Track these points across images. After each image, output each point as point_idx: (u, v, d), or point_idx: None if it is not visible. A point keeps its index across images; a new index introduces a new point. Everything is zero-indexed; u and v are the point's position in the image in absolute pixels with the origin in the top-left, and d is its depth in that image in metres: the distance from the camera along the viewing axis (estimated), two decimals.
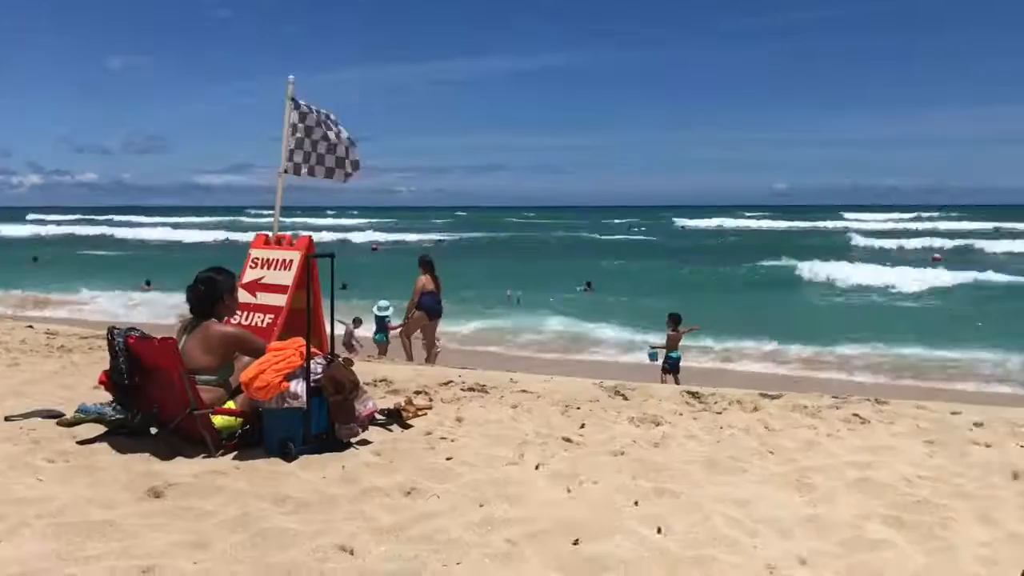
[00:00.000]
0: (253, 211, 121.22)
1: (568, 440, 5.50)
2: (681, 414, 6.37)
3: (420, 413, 5.99)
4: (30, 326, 12.08)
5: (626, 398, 6.94)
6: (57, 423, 5.63)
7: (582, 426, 5.91)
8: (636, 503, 4.36)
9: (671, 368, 12.32)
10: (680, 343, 12.57)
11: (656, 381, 10.57)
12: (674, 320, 12.70)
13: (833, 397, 7.10)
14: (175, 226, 71.72)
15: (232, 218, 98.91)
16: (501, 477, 4.70)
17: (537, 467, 4.90)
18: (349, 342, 13.84)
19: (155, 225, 73.76)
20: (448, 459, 4.99)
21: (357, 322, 14.51)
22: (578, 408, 6.48)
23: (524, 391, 7.12)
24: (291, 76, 8.67)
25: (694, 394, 7.09)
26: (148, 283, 25.52)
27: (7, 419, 5.76)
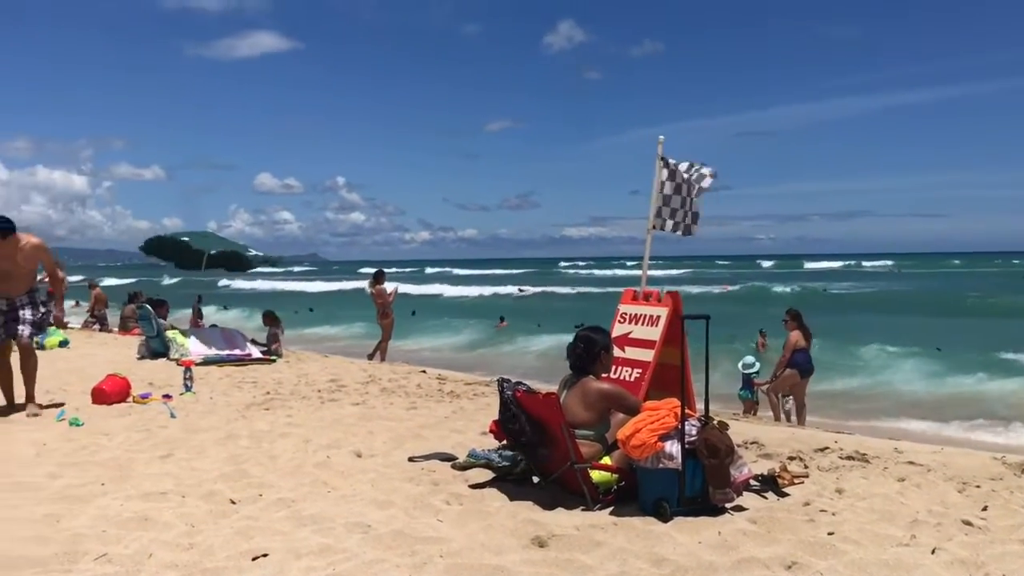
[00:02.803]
0: (565, 263, 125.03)
1: (968, 523, 4.95)
2: None
3: (796, 481, 5.73)
4: (423, 371, 13.41)
5: None
6: (452, 466, 6.16)
7: (984, 508, 5.29)
8: None
9: None
10: None
11: None
12: None
13: None
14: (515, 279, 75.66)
15: (548, 270, 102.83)
16: (891, 559, 4.33)
17: (933, 551, 4.45)
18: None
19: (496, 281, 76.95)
20: (830, 534, 4.71)
21: None
22: (978, 486, 5.82)
23: (911, 463, 6.54)
24: (661, 136, 8.89)
25: None
26: (503, 319, 30.82)
27: (411, 459, 6.41)
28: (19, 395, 8.75)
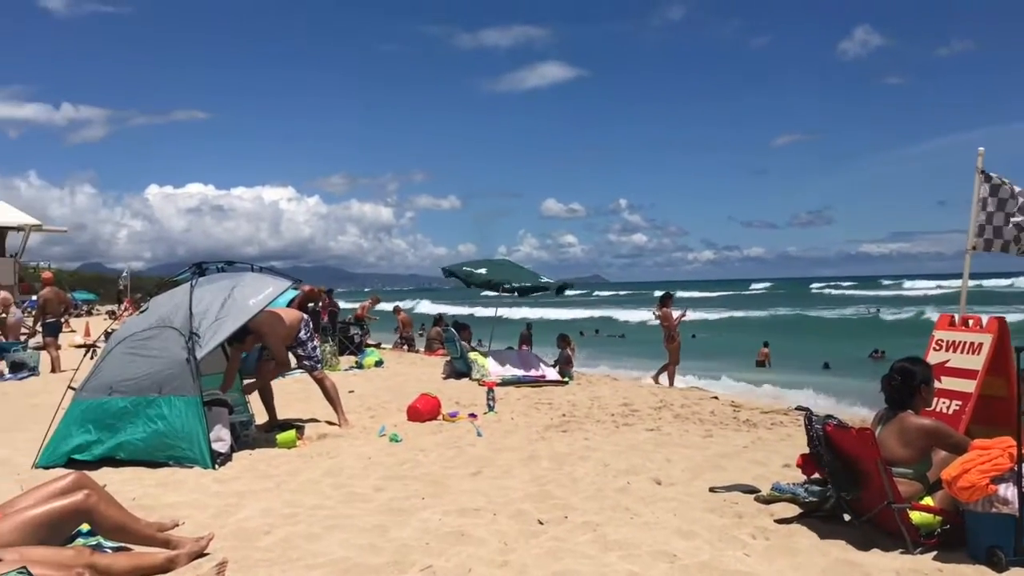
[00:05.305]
0: (818, 284, 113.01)
1: None
2: None
3: None
4: (715, 397, 13.21)
5: None
6: (755, 499, 6.00)
7: None
8: None
9: None
10: None
11: None
12: None
13: None
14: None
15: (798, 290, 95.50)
16: None
17: None
18: None
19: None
20: None
21: None
22: None
23: None
24: (980, 148, 8.19)
25: None
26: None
27: (712, 490, 6.33)
28: (328, 414, 9.86)
